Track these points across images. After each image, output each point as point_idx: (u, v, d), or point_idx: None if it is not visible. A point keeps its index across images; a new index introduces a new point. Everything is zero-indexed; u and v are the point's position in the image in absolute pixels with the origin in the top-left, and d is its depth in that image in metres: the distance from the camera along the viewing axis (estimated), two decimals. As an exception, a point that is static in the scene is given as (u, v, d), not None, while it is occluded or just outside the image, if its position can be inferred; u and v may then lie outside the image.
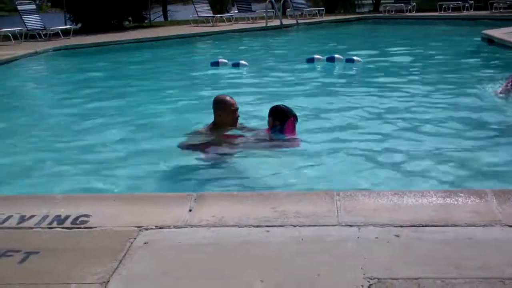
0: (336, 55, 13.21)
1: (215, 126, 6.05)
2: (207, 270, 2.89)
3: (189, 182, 5.31)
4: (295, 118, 6.00)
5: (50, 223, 3.52)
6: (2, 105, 10.16)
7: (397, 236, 3.15)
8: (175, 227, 3.41)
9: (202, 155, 5.79)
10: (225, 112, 5.98)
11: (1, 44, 20.02)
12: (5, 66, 15.16)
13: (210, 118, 6.18)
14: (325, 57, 13.25)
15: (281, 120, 5.91)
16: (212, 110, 6.11)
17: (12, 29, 21.39)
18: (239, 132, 6.12)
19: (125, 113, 8.57)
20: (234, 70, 12.90)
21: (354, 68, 12.44)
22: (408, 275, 2.73)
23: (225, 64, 13.36)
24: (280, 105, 6.13)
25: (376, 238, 3.14)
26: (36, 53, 17.48)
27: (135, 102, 9.60)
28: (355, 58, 12.98)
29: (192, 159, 5.76)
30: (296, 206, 3.60)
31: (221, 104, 6.01)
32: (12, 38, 20.71)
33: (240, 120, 6.16)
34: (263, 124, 6.21)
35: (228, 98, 6.07)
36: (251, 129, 6.25)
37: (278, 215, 3.48)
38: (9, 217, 3.62)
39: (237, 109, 6.02)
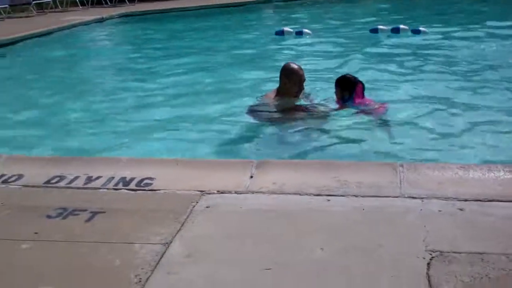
0: (402, 26, 12.88)
1: (279, 94, 5.91)
2: (268, 235, 2.91)
3: (251, 149, 5.32)
4: (363, 84, 5.87)
5: (116, 184, 3.63)
6: (69, 68, 10.45)
7: (461, 210, 3.09)
8: (236, 192, 3.45)
9: (266, 122, 5.76)
10: (292, 82, 5.80)
11: (69, 9, 20.51)
12: (72, 31, 15.62)
13: (274, 86, 6.12)
14: (389, 28, 12.95)
15: (350, 89, 5.79)
16: (277, 76, 5.98)
17: (80, -5, 21.88)
18: (304, 102, 6.03)
19: (189, 80, 8.63)
20: (298, 39, 12.78)
21: (421, 39, 12.10)
22: (471, 249, 2.68)
23: (290, 33, 13.23)
24: (345, 74, 6.01)
25: (440, 211, 3.09)
26: (102, 19, 17.85)
27: (199, 68, 9.64)
28: (421, 29, 12.62)
29: (256, 126, 5.77)
30: (358, 176, 3.57)
31: (290, 74, 5.83)
32: (79, 4, 21.20)
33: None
34: (327, 94, 6.13)
35: (297, 68, 5.86)
36: (316, 99, 6.15)
37: (339, 185, 3.46)
38: (76, 177, 3.74)
39: (304, 80, 5.85)
